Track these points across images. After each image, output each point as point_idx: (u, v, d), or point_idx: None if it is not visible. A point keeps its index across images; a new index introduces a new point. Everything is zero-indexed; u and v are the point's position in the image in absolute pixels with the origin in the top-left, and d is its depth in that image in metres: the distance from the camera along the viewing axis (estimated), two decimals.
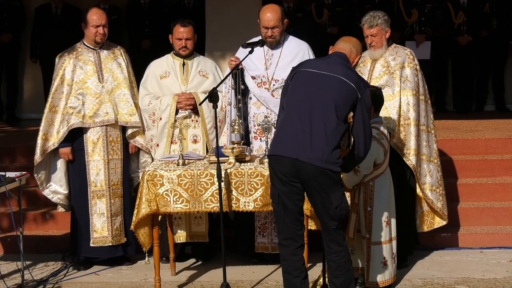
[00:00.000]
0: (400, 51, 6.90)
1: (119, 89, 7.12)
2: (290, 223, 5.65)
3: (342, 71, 5.63)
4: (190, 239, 7.17)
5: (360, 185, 6.22)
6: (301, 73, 5.70)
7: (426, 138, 6.92)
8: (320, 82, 5.60)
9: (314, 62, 5.88)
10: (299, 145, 5.51)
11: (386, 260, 6.25)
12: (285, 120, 5.63)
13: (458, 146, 8.35)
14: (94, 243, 7.08)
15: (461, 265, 7.09)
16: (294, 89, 5.66)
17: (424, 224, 7.05)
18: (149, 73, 7.21)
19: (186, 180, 6.20)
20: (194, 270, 7.08)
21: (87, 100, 7.02)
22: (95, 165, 7.08)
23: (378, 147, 6.16)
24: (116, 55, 7.22)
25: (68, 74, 7.08)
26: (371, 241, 6.23)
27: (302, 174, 5.51)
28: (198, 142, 7.09)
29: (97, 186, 7.08)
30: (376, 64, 6.87)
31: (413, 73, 6.82)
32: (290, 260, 5.69)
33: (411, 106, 6.78)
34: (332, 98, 5.54)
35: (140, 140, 7.18)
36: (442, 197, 7.02)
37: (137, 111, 7.11)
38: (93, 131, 7.04)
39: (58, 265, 7.27)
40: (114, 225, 7.10)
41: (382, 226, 6.23)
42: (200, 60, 7.27)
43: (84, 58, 7.11)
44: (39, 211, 7.94)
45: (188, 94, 7.06)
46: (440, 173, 7.04)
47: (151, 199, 6.21)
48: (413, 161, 6.77)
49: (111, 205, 7.09)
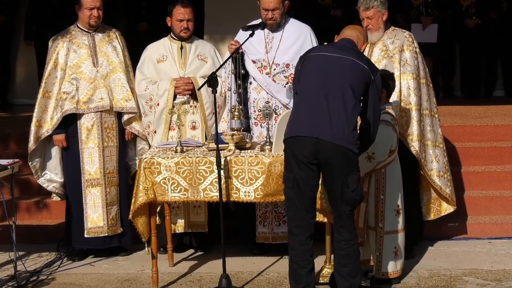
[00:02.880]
0: (398, 34, 6.86)
1: (114, 74, 7.07)
2: (303, 210, 5.65)
3: (354, 54, 5.71)
4: (188, 229, 7.15)
5: (371, 172, 6.21)
6: (312, 57, 5.74)
7: (430, 122, 6.88)
8: (333, 64, 5.65)
9: (324, 47, 5.95)
10: (318, 124, 5.54)
11: (397, 249, 6.24)
12: (301, 103, 5.66)
13: (466, 132, 8.32)
14: (88, 233, 7.05)
15: (469, 256, 7.07)
16: (307, 72, 5.70)
17: (431, 212, 7.03)
18: (146, 57, 7.18)
19: (184, 168, 6.17)
20: (193, 261, 7.07)
21: (81, 85, 6.98)
22: (89, 153, 7.04)
23: (392, 133, 6.16)
24: (112, 38, 7.18)
25: (62, 58, 7.04)
26: (384, 230, 6.21)
27: (322, 154, 5.52)
28: (197, 128, 7.06)
29: (92, 174, 7.04)
30: (374, 48, 6.83)
31: (413, 56, 6.79)
32: (299, 250, 5.69)
33: (412, 90, 6.75)
34: (347, 79, 5.59)
35: (137, 126, 7.14)
36: (450, 183, 7.01)
37: (133, 96, 7.08)
38: (87, 118, 7.00)
39: (52, 255, 7.26)
40: (110, 215, 7.07)
41: (395, 214, 6.22)
42: (198, 43, 7.24)
43: (78, 41, 7.07)
44: (32, 200, 7.93)
45: (186, 79, 7.02)
46: (446, 158, 7.02)
47: (148, 188, 6.19)
48: (416, 147, 6.74)
49: (106, 194, 7.06)
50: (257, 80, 6.87)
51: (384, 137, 6.09)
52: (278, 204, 6.90)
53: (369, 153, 6.08)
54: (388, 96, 6.29)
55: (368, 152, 6.05)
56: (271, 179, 6.09)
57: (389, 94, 6.30)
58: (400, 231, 6.27)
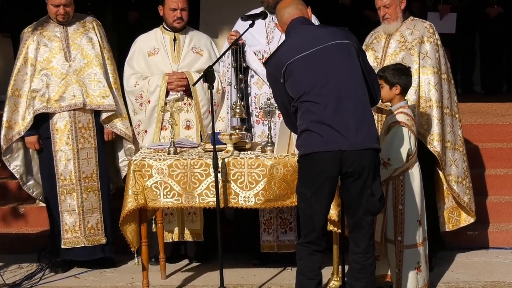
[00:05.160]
0: (418, 24, 6.86)
1: (89, 68, 7.04)
2: (319, 227, 5.61)
3: (323, 34, 5.59)
4: (183, 238, 7.16)
5: (388, 180, 6.15)
6: (293, 65, 5.54)
7: (450, 122, 6.88)
8: (321, 60, 5.53)
9: (292, 47, 5.64)
10: (338, 134, 5.43)
11: (420, 264, 6.18)
12: (308, 112, 5.50)
13: (487, 132, 8.34)
14: (65, 244, 7.03)
15: (490, 267, 7.08)
16: (298, 80, 5.54)
17: (449, 222, 7.02)
18: (136, 50, 7.19)
19: (178, 171, 6.17)
20: (188, 273, 7.07)
21: (52, 81, 6.95)
22: (63, 156, 7.01)
23: (410, 135, 6.07)
24: (87, 29, 7.14)
25: (32, 52, 7.01)
26: (403, 244, 6.14)
27: (345, 166, 5.45)
28: (192, 128, 7.07)
29: (66, 179, 7.02)
30: (391, 40, 6.82)
31: (434, 48, 6.77)
32: (307, 260, 5.68)
33: (433, 85, 6.73)
34: (344, 70, 5.51)
35: (119, 125, 7.12)
36: (468, 190, 6.99)
37: (112, 92, 7.04)
38: (59, 117, 6.97)
39: (33, 267, 7.26)
40: (88, 224, 7.05)
41: (415, 225, 6.15)
42: (193, 35, 7.24)
43: (49, 34, 7.04)
44: (10, 206, 7.94)
45: (180, 74, 7.03)
46: (466, 163, 7.00)
47: (138, 192, 6.19)
48: (437, 148, 6.72)
49: (82, 200, 7.03)
50: (259, 73, 6.89)
51: (400, 140, 6.02)
52: (284, 210, 6.90)
53: (384, 158, 6.01)
54: (403, 93, 6.19)
55: (383, 157, 5.97)
56: (273, 183, 6.09)
57: (404, 91, 6.19)
58: (421, 244, 6.18)
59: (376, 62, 6.74)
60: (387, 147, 6.02)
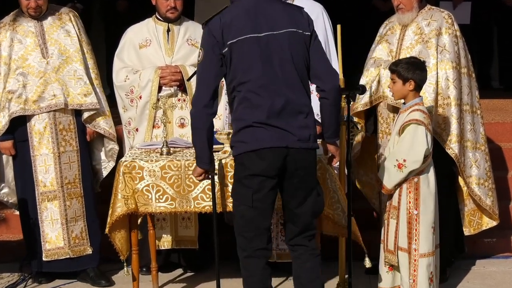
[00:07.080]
0: (436, 14, 6.85)
1: (68, 65, 7.01)
2: (265, 229, 5.64)
3: (280, 16, 5.56)
4: (176, 245, 7.17)
5: (402, 183, 6.13)
6: (243, 43, 5.51)
7: (470, 120, 6.87)
8: (272, 49, 5.51)
9: (242, 19, 5.57)
10: (281, 130, 5.49)
11: (433, 274, 6.17)
12: (251, 106, 5.53)
13: (507, 131, 8.38)
14: (47, 256, 7.00)
15: (509, 277, 7.09)
16: (246, 63, 5.52)
17: (470, 225, 7.02)
18: (126, 42, 7.19)
19: (171, 173, 6.18)
20: (181, 283, 7.10)
21: (29, 81, 6.91)
22: (42, 161, 6.97)
23: (427, 134, 6.04)
24: (64, 21, 7.11)
25: (5, 50, 6.96)
26: (418, 253, 6.11)
27: (290, 164, 5.52)
28: (186, 126, 7.06)
29: (47, 186, 6.98)
30: (407, 31, 6.82)
31: (453, 40, 6.77)
32: (260, 276, 5.66)
33: (451, 81, 6.72)
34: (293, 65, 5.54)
35: (103, 124, 7.10)
36: (491, 192, 6.99)
37: (94, 89, 7.01)
38: (38, 119, 6.93)
39: (14, 277, 7.28)
40: (73, 233, 7.03)
41: (430, 232, 6.12)
42: (188, 25, 7.24)
43: (23, 29, 6.99)
44: None
45: (174, 67, 7.03)
46: (489, 163, 7.02)
47: (128, 196, 6.20)
48: (455, 150, 6.71)
49: (66, 208, 7.00)
50: None
51: (417, 140, 6.00)
52: None
53: (400, 160, 6.00)
54: (417, 89, 6.15)
55: (397, 158, 5.98)
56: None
57: (418, 87, 6.16)
58: (434, 253, 6.17)
59: (391, 56, 6.75)
60: (402, 148, 6.01)
